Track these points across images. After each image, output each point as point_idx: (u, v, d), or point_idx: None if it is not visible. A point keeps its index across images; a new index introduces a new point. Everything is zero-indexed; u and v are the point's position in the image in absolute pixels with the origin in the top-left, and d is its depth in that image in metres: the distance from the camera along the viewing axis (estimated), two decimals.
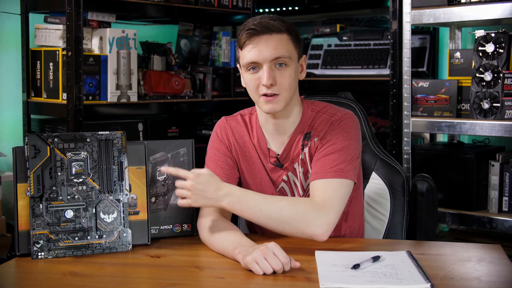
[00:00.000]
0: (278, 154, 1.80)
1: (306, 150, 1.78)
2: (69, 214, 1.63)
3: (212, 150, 1.84)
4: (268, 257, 1.44)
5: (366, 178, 2.02)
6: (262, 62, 1.68)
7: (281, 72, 1.69)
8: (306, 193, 1.80)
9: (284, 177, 1.81)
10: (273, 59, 1.68)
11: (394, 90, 2.79)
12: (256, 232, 1.88)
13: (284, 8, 3.65)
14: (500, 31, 2.58)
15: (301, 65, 1.78)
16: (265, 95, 1.70)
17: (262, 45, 1.68)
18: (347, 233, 1.86)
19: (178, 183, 1.62)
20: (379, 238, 1.97)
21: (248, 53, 1.69)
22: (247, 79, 1.73)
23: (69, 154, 1.64)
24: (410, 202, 1.98)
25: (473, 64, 2.63)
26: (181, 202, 1.62)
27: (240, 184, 1.85)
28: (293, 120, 1.79)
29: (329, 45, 3.25)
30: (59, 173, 1.62)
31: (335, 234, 1.84)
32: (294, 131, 1.79)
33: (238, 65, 1.80)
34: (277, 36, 1.68)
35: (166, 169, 1.67)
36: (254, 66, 1.70)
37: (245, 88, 1.79)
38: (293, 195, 1.81)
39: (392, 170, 1.99)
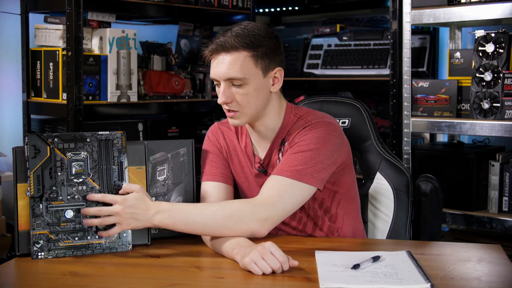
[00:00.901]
0: (261, 160, 1.82)
1: (280, 155, 1.79)
2: (69, 214, 1.63)
3: (206, 152, 1.87)
4: (265, 256, 1.45)
5: (370, 178, 2.01)
6: (219, 80, 1.70)
7: (237, 90, 1.70)
8: None
9: None
10: (226, 79, 1.69)
11: (394, 90, 2.79)
12: None
13: (284, 8, 3.65)
14: (500, 31, 2.58)
15: (275, 78, 1.75)
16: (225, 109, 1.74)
17: (218, 64, 1.69)
18: (340, 235, 1.86)
19: (103, 209, 1.60)
20: (383, 238, 1.96)
21: (211, 69, 1.72)
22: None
23: (69, 154, 1.64)
24: (414, 203, 1.97)
25: (473, 64, 2.63)
26: (111, 232, 1.60)
27: (236, 185, 1.87)
28: (273, 126, 1.79)
29: (329, 45, 3.25)
30: (59, 173, 1.62)
31: (328, 232, 1.84)
32: (274, 137, 1.80)
33: None
34: (235, 54, 1.68)
35: (91, 196, 1.63)
36: (216, 81, 1.73)
37: None
38: None
39: (396, 170, 1.98)
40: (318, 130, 1.72)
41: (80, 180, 1.64)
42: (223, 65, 1.68)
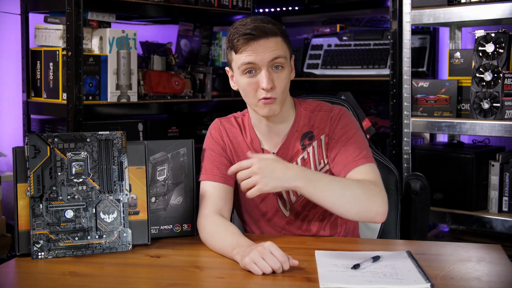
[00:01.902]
0: (274, 153, 1.80)
1: (310, 149, 1.78)
2: (69, 214, 1.63)
3: (208, 150, 1.84)
4: (265, 256, 1.44)
5: None
6: (261, 65, 1.68)
7: (278, 75, 1.70)
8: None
9: None
10: (271, 60, 1.68)
11: (394, 90, 2.79)
12: (253, 232, 1.88)
13: (284, 8, 3.65)
14: (500, 31, 2.58)
15: (291, 66, 1.79)
16: (264, 98, 1.70)
17: (260, 49, 1.67)
18: (342, 230, 1.86)
19: (242, 173, 1.57)
20: (374, 237, 1.97)
21: (246, 57, 1.68)
22: (243, 83, 1.72)
23: (69, 154, 1.64)
24: (404, 201, 1.98)
25: (473, 64, 2.64)
26: (251, 192, 1.55)
27: (236, 185, 1.84)
28: (287, 119, 1.80)
29: (329, 45, 3.25)
30: (59, 173, 1.62)
31: (331, 232, 1.85)
32: (290, 131, 1.80)
33: (227, 68, 1.80)
34: (273, 39, 1.69)
35: (231, 170, 1.61)
36: (251, 68, 1.69)
37: None
38: (288, 194, 1.81)
39: (385, 169, 1.99)
40: (346, 116, 1.79)
41: (80, 180, 1.64)
42: (267, 49, 1.68)
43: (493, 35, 2.58)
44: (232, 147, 1.85)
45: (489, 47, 2.58)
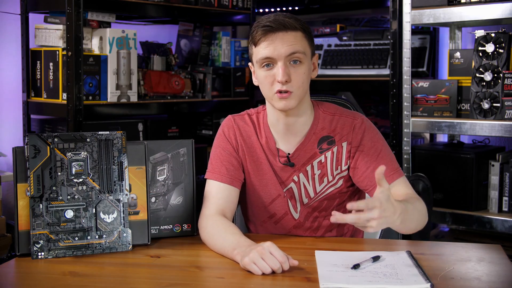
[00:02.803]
0: (289, 154, 1.78)
1: (328, 154, 1.76)
2: (69, 214, 1.63)
3: (219, 148, 1.82)
4: (265, 257, 1.44)
5: None
6: (277, 58, 1.67)
7: (295, 69, 1.68)
8: (317, 196, 1.79)
9: (295, 178, 1.78)
10: (288, 55, 1.67)
11: (394, 90, 2.79)
12: (257, 232, 1.88)
13: (284, 8, 3.65)
14: (500, 31, 2.58)
15: (314, 64, 1.77)
16: (279, 91, 1.68)
17: (277, 42, 1.67)
18: (349, 231, 1.85)
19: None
20: (376, 237, 1.97)
21: (263, 50, 1.68)
22: (261, 76, 1.71)
23: (69, 154, 1.64)
24: None
25: (473, 64, 2.64)
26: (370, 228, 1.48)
27: (244, 185, 1.83)
28: (305, 120, 1.77)
29: (329, 45, 3.25)
30: (59, 173, 1.62)
31: (337, 233, 1.84)
32: (308, 132, 1.77)
33: (250, 63, 1.79)
34: (292, 33, 1.68)
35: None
36: (268, 62, 1.68)
37: (245, 88, 1.79)
38: (300, 196, 1.79)
39: None
40: (370, 125, 1.79)
41: (80, 180, 1.64)
42: (284, 42, 1.67)
43: (493, 35, 2.58)
44: (245, 147, 1.81)
45: (489, 47, 2.58)
